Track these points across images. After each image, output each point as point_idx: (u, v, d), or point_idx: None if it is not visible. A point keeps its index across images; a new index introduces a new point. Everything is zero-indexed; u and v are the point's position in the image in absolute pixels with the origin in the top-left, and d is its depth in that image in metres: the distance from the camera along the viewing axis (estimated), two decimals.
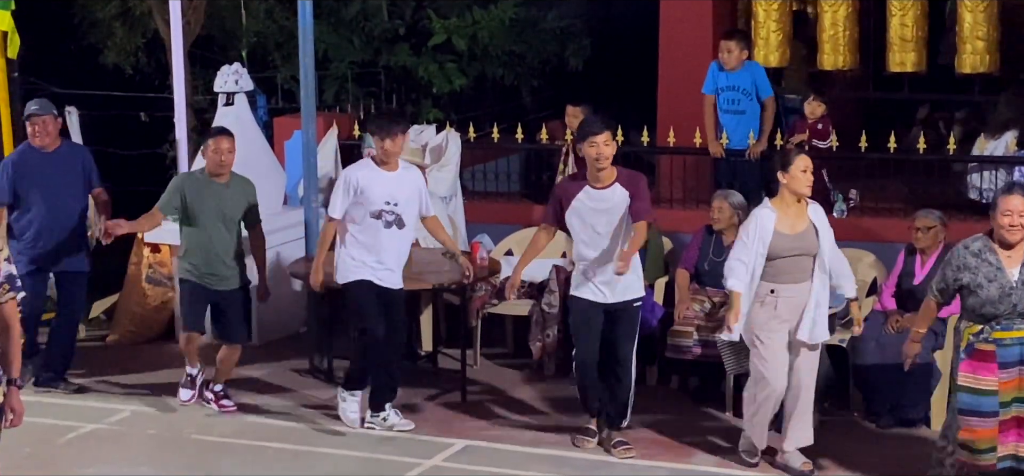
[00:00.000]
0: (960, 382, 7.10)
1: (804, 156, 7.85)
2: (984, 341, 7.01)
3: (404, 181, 8.51)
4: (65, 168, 9.34)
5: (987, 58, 11.09)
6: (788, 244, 7.70)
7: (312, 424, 8.86)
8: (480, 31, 13.04)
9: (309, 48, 10.02)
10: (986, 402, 7.00)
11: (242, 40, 13.26)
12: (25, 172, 9.25)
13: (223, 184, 8.89)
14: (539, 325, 9.74)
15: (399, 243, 8.50)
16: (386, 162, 8.47)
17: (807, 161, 7.78)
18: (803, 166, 7.74)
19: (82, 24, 13.86)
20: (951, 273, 7.12)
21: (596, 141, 7.94)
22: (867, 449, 8.27)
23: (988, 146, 10.45)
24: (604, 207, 8.00)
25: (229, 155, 8.87)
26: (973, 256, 7.03)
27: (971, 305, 7.06)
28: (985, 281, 6.97)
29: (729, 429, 8.65)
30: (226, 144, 8.87)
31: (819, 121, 10.71)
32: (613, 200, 7.99)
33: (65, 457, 8.39)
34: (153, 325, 10.89)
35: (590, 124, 8.09)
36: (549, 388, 9.52)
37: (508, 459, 8.22)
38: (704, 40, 11.35)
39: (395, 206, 8.41)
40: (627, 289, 8.09)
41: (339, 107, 12.81)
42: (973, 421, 7.04)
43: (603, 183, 8.01)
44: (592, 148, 7.95)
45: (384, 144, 8.41)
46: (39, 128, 9.23)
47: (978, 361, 7.03)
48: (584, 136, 8.00)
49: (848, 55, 11.55)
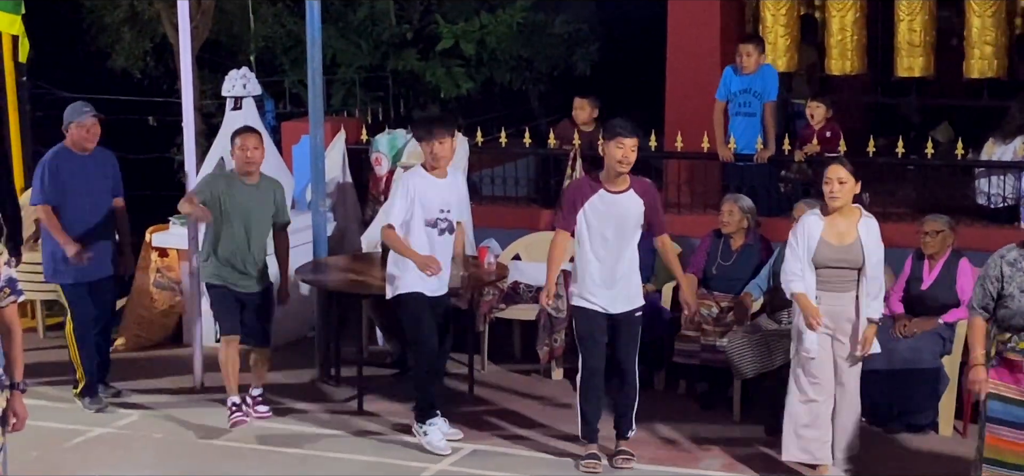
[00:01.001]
0: (990, 389, 6.93)
1: (834, 166, 7.70)
2: (1011, 350, 6.87)
3: (453, 187, 8.42)
4: (100, 172, 9.20)
5: (995, 63, 11.08)
6: (832, 254, 7.63)
7: (320, 428, 8.86)
8: (488, 36, 13.06)
9: (317, 53, 10.01)
10: (1015, 412, 6.86)
11: (250, 45, 13.30)
12: (63, 175, 9.03)
13: (253, 185, 8.82)
14: (546, 330, 9.73)
15: (448, 249, 8.43)
16: (436, 167, 8.29)
17: (838, 171, 7.63)
18: (829, 177, 7.64)
19: (91, 29, 13.92)
20: (990, 284, 6.93)
21: (624, 143, 7.75)
22: (875, 454, 8.25)
23: (997, 151, 10.43)
24: (617, 212, 7.88)
25: (255, 152, 8.77)
26: (1008, 265, 6.89)
27: (1002, 315, 6.90)
28: (1017, 291, 6.81)
29: (737, 434, 8.63)
30: (252, 141, 8.79)
31: (827, 128, 10.70)
32: (627, 206, 7.89)
33: (72, 461, 8.39)
34: (160, 329, 10.90)
35: (621, 125, 7.84)
36: (556, 392, 9.51)
37: (515, 463, 8.21)
38: (712, 45, 11.35)
39: (448, 213, 8.32)
40: (630, 299, 8.01)
41: (347, 112, 12.82)
42: (1002, 431, 6.88)
43: (619, 187, 7.89)
44: (619, 149, 7.76)
45: (433, 147, 8.22)
46: (91, 131, 9.06)
47: (1006, 369, 6.90)
48: (613, 134, 7.77)
49: (856, 60, 11.55)
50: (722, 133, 10.56)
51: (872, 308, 7.70)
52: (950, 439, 8.53)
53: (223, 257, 8.77)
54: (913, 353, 8.47)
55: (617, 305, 7.95)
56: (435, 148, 8.21)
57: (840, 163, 7.74)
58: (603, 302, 7.94)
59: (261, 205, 8.84)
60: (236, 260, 8.76)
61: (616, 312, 7.95)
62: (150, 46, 13.77)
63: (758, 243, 9.48)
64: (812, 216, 7.73)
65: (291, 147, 11.42)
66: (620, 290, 7.93)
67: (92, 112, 9.15)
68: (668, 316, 9.50)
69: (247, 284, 8.81)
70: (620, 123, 7.86)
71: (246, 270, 8.80)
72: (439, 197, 8.28)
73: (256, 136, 8.86)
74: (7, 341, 5.97)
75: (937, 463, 8.16)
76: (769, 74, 10.56)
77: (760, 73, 10.49)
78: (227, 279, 8.78)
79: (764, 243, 9.54)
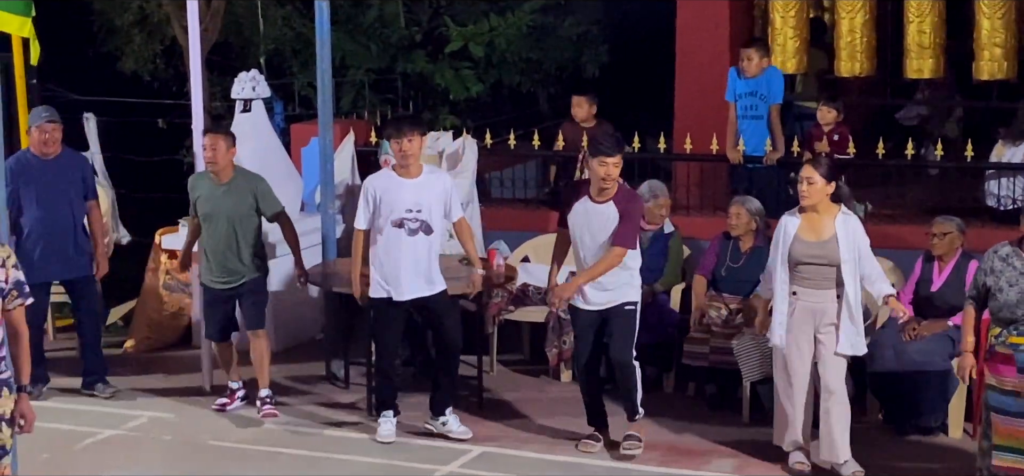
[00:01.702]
0: (986, 381, 7.24)
1: (806, 165, 7.95)
2: (1001, 344, 7.11)
3: (428, 186, 8.45)
4: (63, 176, 9.31)
5: (1005, 64, 11.05)
6: (808, 251, 7.79)
7: (328, 430, 8.87)
8: (497, 38, 13.05)
9: (326, 55, 10.03)
10: (1010, 402, 7.08)
11: (259, 47, 13.30)
12: (23, 178, 9.15)
13: (226, 183, 8.92)
14: (555, 332, 9.73)
15: (424, 249, 8.45)
16: (406, 167, 8.41)
17: (808, 171, 7.84)
18: (801, 176, 7.85)
19: (100, 31, 13.92)
20: (980, 276, 7.29)
21: (607, 161, 7.99)
22: (885, 456, 8.24)
23: (1006, 153, 10.41)
24: (594, 222, 8.10)
25: (213, 152, 8.87)
26: (1000, 260, 7.18)
27: (993, 308, 7.20)
28: (1006, 285, 7.09)
29: (746, 435, 8.63)
30: (209, 140, 8.93)
31: (836, 131, 10.69)
32: (606, 216, 8.07)
33: (82, 463, 8.40)
34: (170, 331, 10.92)
35: (604, 142, 8.08)
36: (565, 394, 9.50)
37: (524, 465, 8.21)
38: (721, 46, 11.33)
39: (418, 213, 8.36)
40: (618, 293, 8.15)
41: (356, 114, 12.82)
42: (1007, 420, 7.11)
43: (603, 199, 8.09)
44: (602, 167, 8.00)
45: (401, 145, 8.35)
46: (49, 136, 9.23)
47: (999, 362, 7.14)
48: (596, 152, 8.03)
49: (866, 62, 11.52)
50: (732, 136, 10.55)
51: (879, 287, 7.88)
52: (960, 441, 8.52)
53: (211, 256, 8.95)
54: (923, 355, 8.46)
55: (607, 300, 8.16)
56: (404, 146, 8.34)
57: (814, 165, 7.95)
58: (591, 300, 8.19)
59: (237, 203, 8.92)
60: (223, 258, 8.91)
61: (607, 307, 8.17)
62: (160, 49, 13.78)
63: (767, 245, 9.47)
64: (789, 216, 7.93)
65: (300, 149, 11.44)
66: (608, 285, 8.13)
67: (53, 116, 9.29)
68: (677, 318, 9.50)
69: (236, 279, 8.93)
70: (605, 141, 8.14)
71: (235, 267, 8.92)
72: (408, 197, 8.34)
73: (216, 136, 8.96)
74: (15, 344, 5.99)
75: (947, 464, 8.15)
76: (774, 77, 10.54)
77: (765, 76, 10.47)
78: (215, 279, 8.96)
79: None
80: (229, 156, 8.96)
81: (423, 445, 8.54)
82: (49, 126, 9.24)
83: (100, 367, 9.60)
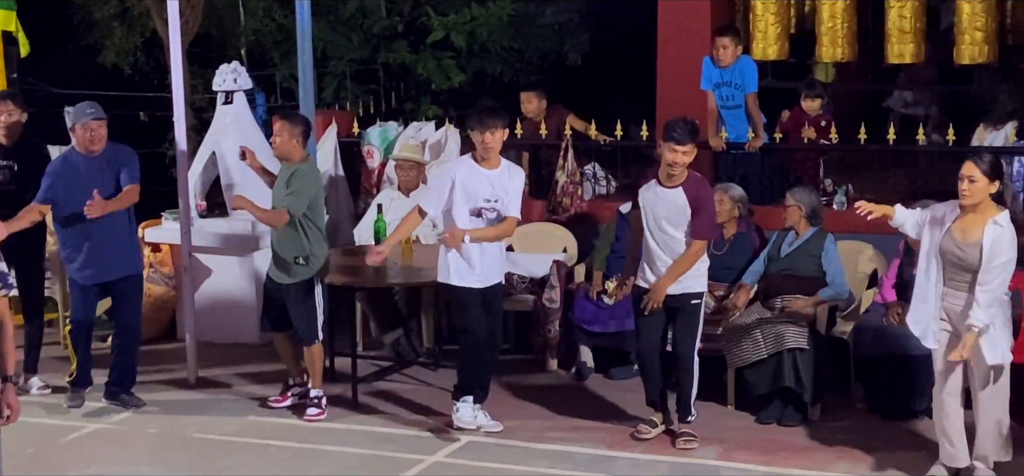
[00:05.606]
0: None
1: (967, 163, 7.41)
2: None
3: (505, 178, 8.35)
4: (110, 171, 8.92)
5: (986, 49, 11.07)
6: (953, 249, 7.45)
7: (314, 421, 8.85)
8: (478, 27, 13.05)
9: (307, 46, 10.01)
10: None
11: (240, 38, 13.28)
12: (67, 180, 8.79)
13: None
14: (540, 320, 9.74)
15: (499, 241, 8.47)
16: (486, 158, 8.29)
17: (969, 168, 7.36)
18: (962, 174, 7.41)
19: (81, 24, 13.88)
20: None
21: (676, 149, 8.05)
22: (868, 440, 8.27)
23: (987, 137, 10.44)
24: (662, 206, 8.13)
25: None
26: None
27: None
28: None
29: (731, 422, 8.66)
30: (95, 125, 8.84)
31: (822, 118, 10.72)
32: (672, 200, 8.12)
33: (67, 457, 8.39)
34: (153, 324, 10.89)
35: (677, 130, 8.07)
36: (551, 383, 9.53)
37: (511, 455, 8.22)
38: (702, 34, 11.33)
39: (495, 203, 8.31)
40: (685, 283, 8.15)
41: (338, 105, 12.81)
42: None
43: (671, 184, 8.15)
44: (671, 153, 8.07)
45: (483, 137, 8.22)
46: (95, 133, 8.86)
47: None
48: (668, 138, 8.08)
49: (847, 47, 11.53)
50: (713, 123, 10.56)
51: (975, 313, 7.33)
52: None
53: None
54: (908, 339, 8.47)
55: (671, 289, 8.16)
56: (486, 138, 8.22)
57: (976, 161, 7.40)
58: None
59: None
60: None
61: (671, 295, 8.17)
62: (140, 41, 13.75)
63: (751, 232, 9.50)
64: (952, 209, 7.52)
65: None
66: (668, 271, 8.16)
67: (95, 114, 8.92)
68: None
69: (278, 277, 8.93)
70: (677, 128, 8.10)
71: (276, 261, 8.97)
72: (487, 187, 8.28)
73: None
74: None
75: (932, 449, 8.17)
76: (747, 66, 10.53)
77: (738, 65, 10.46)
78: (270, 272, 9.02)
79: (757, 232, 9.56)
80: (292, 143, 8.86)
81: (410, 435, 8.54)
82: (94, 123, 8.86)
83: (128, 379, 9.21)
